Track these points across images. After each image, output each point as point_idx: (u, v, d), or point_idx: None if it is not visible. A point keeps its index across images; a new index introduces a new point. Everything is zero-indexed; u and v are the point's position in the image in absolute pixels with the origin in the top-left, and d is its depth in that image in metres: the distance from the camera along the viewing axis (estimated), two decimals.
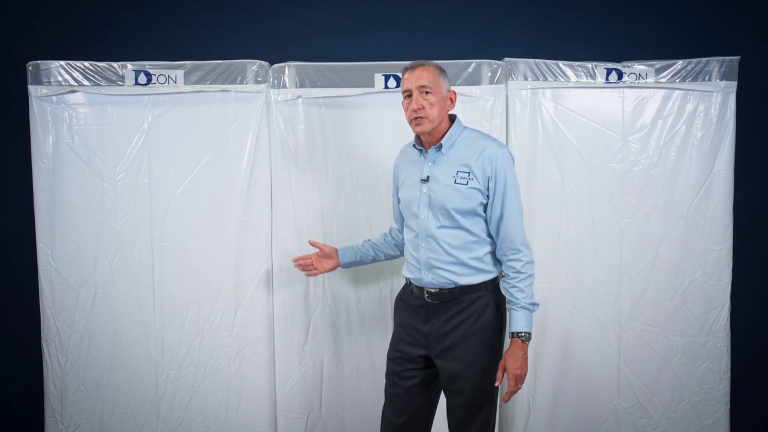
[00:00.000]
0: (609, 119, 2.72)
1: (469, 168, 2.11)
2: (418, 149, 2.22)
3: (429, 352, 2.19)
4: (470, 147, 2.15)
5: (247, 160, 2.68)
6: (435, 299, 2.17)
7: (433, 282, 2.15)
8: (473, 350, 2.13)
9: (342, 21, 3.15)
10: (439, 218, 2.13)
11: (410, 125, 2.17)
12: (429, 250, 2.15)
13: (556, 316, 2.75)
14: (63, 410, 2.74)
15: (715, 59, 2.68)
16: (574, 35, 3.09)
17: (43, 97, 2.64)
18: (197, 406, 2.76)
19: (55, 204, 2.67)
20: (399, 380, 2.25)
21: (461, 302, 2.14)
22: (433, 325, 2.18)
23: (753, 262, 3.07)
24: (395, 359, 2.27)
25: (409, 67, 2.17)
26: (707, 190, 2.72)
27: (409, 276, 2.25)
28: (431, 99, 2.12)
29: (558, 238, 2.74)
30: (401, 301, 2.31)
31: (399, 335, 2.28)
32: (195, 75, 2.66)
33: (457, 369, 2.14)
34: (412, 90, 2.13)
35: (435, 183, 2.14)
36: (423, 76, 2.13)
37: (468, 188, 2.10)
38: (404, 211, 2.26)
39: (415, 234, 2.18)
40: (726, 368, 2.77)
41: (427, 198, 2.15)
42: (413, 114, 2.12)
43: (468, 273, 2.13)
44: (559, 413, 2.79)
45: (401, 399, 2.24)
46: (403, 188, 2.26)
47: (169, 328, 2.73)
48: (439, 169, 2.15)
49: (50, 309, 2.70)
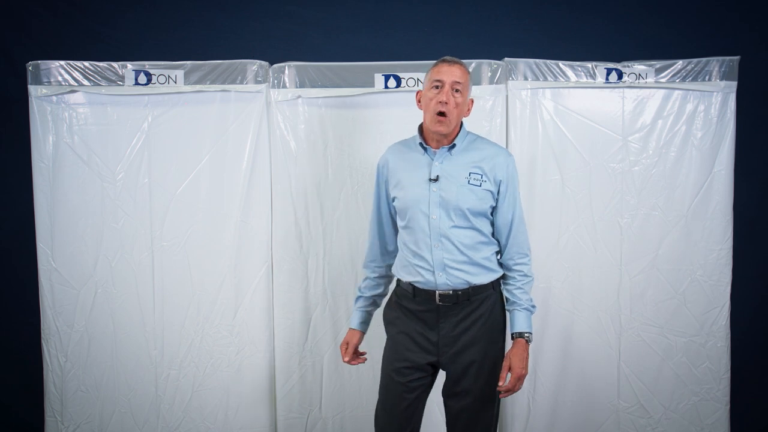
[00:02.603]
0: (609, 119, 2.72)
1: (482, 170, 2.12)
2: (424, 147, 2.17)
3: (438, 358, 2.14)
4: (480, 150, 2.16)
5: (247, 160, 2.68)
6: (447, 301, 2.11)
7: (447, 283, 2.11)
8: (484, 350, 2.13)
9: (342, 21, 3.15)
10: (453, 218, 2.10)
11: (429, 119, 2.10)
12: (443, 251, 2.10)
13: (556, 316, 2.75)
14: (63, 410, 2.74)
15: (715, 59, 2.68)
16: (574, 35, 3.09)
17: (43, 97, 2.64)
18: (197, 406, 2.76)
19: (55, 204, 2.67)
20: (407, 393, 2.16)
21: (472, 303, 2.12)
22: (443, 329, 2.13)
23: (753, 262, 3.06)
24: (400, 371, 2.16)
25: (448, 60, 2.13)
26: (707, 190, 2.72)
27: (413, 279, 2.15)
28: (459, 99, 2.10)
29: (558, 238, 2.74)
30: (400, 308, 2.20)
31: (403, 344, 2.17)
32: (195, 75, 2.66)
33: (466, 370, 2.12)
34: (445, 83, 2.09)
35: (447, 182, 2.10)
36: (459, 74, 2.11)
37: (482, 189, 2.11)
38: (406, 212, 2.15)
39: (426, 234, 2.11)
40: (726, 368, 2.77)
41: (438, 197, 2.10)
42: (439, 107, 2.07)
43: (479, 272, 2.13)
44: (559, 413, 2.79)
45: (408, 411, 2.17)
46: (402, 188, 2.17)
47: (169, 328, 2.73)
48: (451, 169, 2.12)
49: (50, 309, 2.70)
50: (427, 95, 2.12)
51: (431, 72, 2.14)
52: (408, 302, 2.18)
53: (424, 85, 2.17)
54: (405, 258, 2.18)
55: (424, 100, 2.14)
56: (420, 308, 2.15)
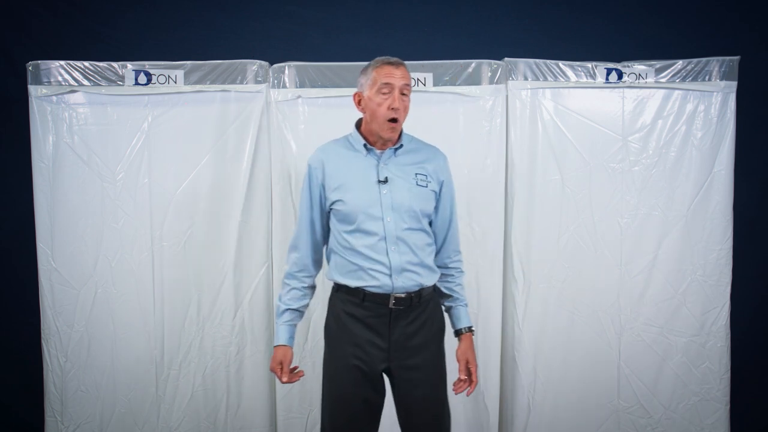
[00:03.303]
0: (609, 119, 2.72)
1: (426, 171, 2.10)
2: (368, 148, 2.08)
3: (389, 364, 2.06)
4: (420, 151, 2.14)
5: (247, 160, 2.68)
6: (402, 305, 2.04)
7: (403, 286, 2.03)
8: (434, 352, 2.10)
9: (342, 21, 3.15)
10: (406, 220, 2.04)
11: (379, 126, 2.02)
12: (399, 253, 2.03)
13: (556, 316, 2.75)
14: (63, 410, 2.74)
15: (715, 59, 2.68)
16: (574, 35, 3.09)
17: (43, 97, 2.64)
18: (197, 406, 2.76)
19: (55, 204, 2.67)
20: (370, 410, 2.07)
21: (421, 305, 2.09)
22: (394, 334, 2.05)
23: (753, 262, 3.06)
24: (360, 386, 2.03)
25: (393, 62, 2.03)
26: (707, 190, 2.72)
27: (365, 284, 2.03)
28: (407, 102, 2.04)
29: (558, 238, 2.73)
30: (348, 317, 2.06)
31: (356, 357, 2.04)
32: (195, 75, 2.67)
33: (421, 375, 2.06)
34: (395, 87, 2.00)
35: (397, 185, 2.05)
36: (407, 76, 2.03)
37: (428, 190, 2.09)
38: (355, 216, 2.03)
39: (380, 237, 2.02)
40: (726, 368, 2.77)
41: (390, 200, 2.03)
42: (391, 113, 1.99)
43: (427, 274, 2.10)
44: (559, 413, 2.79)
45: (373, 427, 2.09)
46: (347, 191, 2.04)
47: (169, 328, 2.73)
48: (398, 171, 2.06)
49: (50, 309, 2.70)
50: (374, 100, 2.02)
51: (375, 74, 2.02)
52: (354, 309, 2.05)
53: (365, 86, 2.05)
54: (353, 263, 2.05)
55: (369, 104, 2.04)
56: (368, 314, 2.04)
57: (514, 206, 2.71)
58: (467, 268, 2.72)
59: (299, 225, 2.14)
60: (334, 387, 2.08)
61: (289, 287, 2.15)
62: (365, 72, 2.07)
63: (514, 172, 2.72)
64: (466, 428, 2.77)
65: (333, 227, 2.11)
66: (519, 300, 2.74)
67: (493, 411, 2.76)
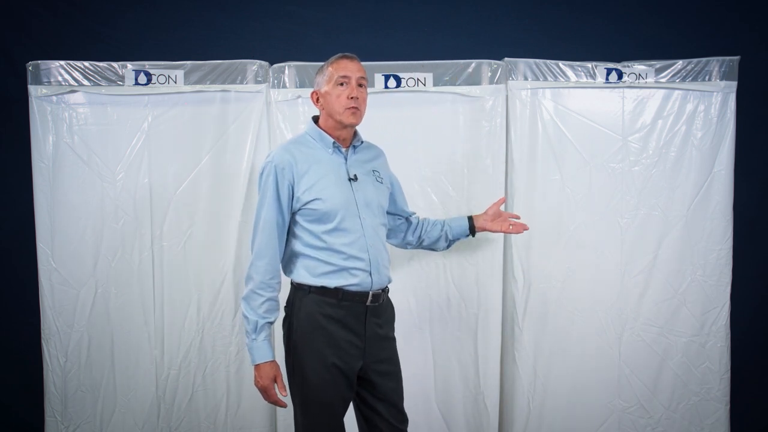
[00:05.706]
0: (609, 119, 2.72)
1: (379, 168, 2.21)
2: (336, 146, 2.12)
3: (363, 360, 2.08)
4: (370, 149, 2.25)
5: (247, 160, 2.68)
6: (376, 301, 2.09)
7: (379, 282, 2.10)
8: (394, 343, 2.22)
9: (342, 21, 3.15)
10: (377, 216, 2.14)
11: (340, 114, 2.07)
12: (377, 250, 2.10)
13: (556, 316, 2.75)
14: (63, 410, 2.74)
15: (715, 59, 2.68)
16: (574, 35, 3.09)
17: (43, 97, 2.64)
18: (197, 406, 2.76)
19: (55, 204, 2.67)
20: (345, 408, 2.13)
21: (385, 299, 2.17)
22: (368, 332, 2.08)
23: (753, 262, 3.06)
24: (339, 385, 2.05)
25: (349, 56, 2.11)
26: (707, 190, 2.71)
27: (344, 284, 2.04)
28: (364, 93, 2.12)
29: (558, 238, 2.73)
30: (324, 319, 2.04)
31: (336, 356, 2.03)
32: (195, 75, 2.67)
33: (392, 367, 2.17)
34: (351, 78, 2.07)
35: (363, 182, 2.12)
36: (362, 70, 2.12)
37: (384, 187, 2.21)
38: (335, 214, 2.03)
39: (360, 235, 2.06)
40: (726, 368, 2.77)
41: (363, 197, 2.09)
42: (350, 102, 2.05)
43: (389, 268, 2.19)
44: (559, 413, 2.78)
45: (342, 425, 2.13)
46: (323, 189, 2.04)
47: (169, 328, 2.73)
48: (360, 168, 2.14)
49: (50, 309, 2.70)
50: (332, 93, 2.08)
51: (332, 68, 2.10)
52: (330, 309, 2.04)
53: (322, 83, 2.12)
54: (330, 263, 2.04)
55: (327, 98, 2.09)
56: (345, 313, 2.05)
57: (514, 206, 2.71)
58: (467, 268, 2.74)
59: (263, 230, 2.05)
60: (313, 389, 2.05)
61: (263, 298, 2.05)
62: (321, 70, 2.15)
63: (514, 172, 2.72)
64: (466, 428, 2.77)
65: (300, 229, 2.08)
66: (519, 300, 2.74)
67: (493, 411, 2.76)
